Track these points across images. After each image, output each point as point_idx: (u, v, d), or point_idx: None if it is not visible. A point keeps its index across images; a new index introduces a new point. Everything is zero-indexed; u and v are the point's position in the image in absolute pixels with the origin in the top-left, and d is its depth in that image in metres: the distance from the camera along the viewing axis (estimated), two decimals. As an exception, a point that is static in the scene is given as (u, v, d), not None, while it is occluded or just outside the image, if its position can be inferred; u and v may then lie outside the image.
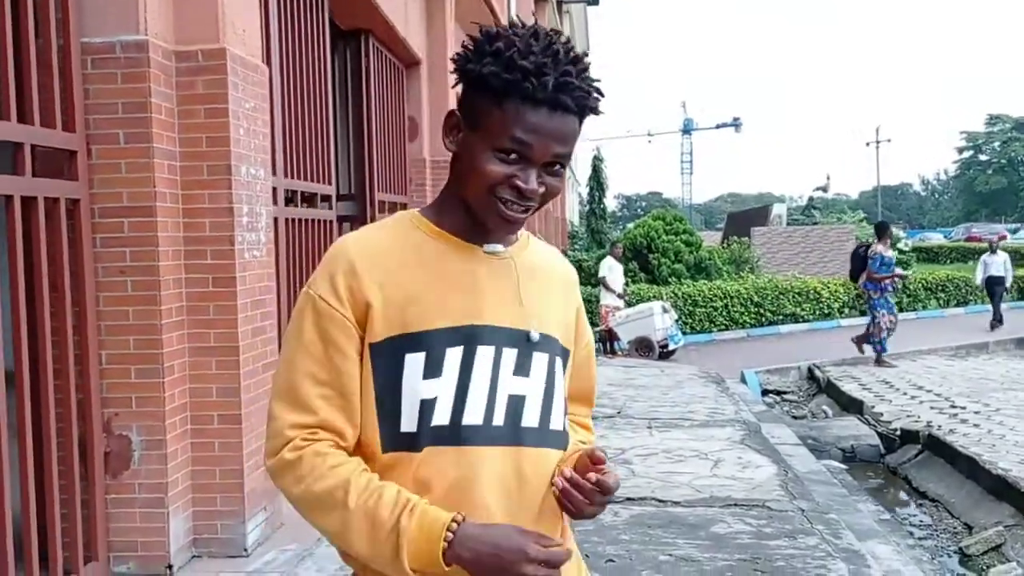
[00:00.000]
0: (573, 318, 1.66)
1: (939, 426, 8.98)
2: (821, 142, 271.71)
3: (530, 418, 1.53)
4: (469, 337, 1.49)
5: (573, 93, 1.44)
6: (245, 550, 4.63)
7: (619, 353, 14.57)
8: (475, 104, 1.47)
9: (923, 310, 20.18)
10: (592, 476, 1.46)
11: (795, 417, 10.75)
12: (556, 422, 1.57)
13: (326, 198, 7.32)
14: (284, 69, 6.28)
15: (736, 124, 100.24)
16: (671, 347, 14.70)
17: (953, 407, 10.06)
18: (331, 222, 7.43)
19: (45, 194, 3.99)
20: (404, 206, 9.79)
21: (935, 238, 52.20)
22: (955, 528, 6.63)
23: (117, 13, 4.33)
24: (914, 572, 5.02)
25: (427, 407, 1.47)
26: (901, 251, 26.78)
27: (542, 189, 1.47)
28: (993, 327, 17.14)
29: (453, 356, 1.48)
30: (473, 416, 1.48)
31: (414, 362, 1.47)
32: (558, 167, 1.49)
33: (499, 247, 1.56)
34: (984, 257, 18.79)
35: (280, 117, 6.11)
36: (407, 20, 9.30)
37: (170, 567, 4.40)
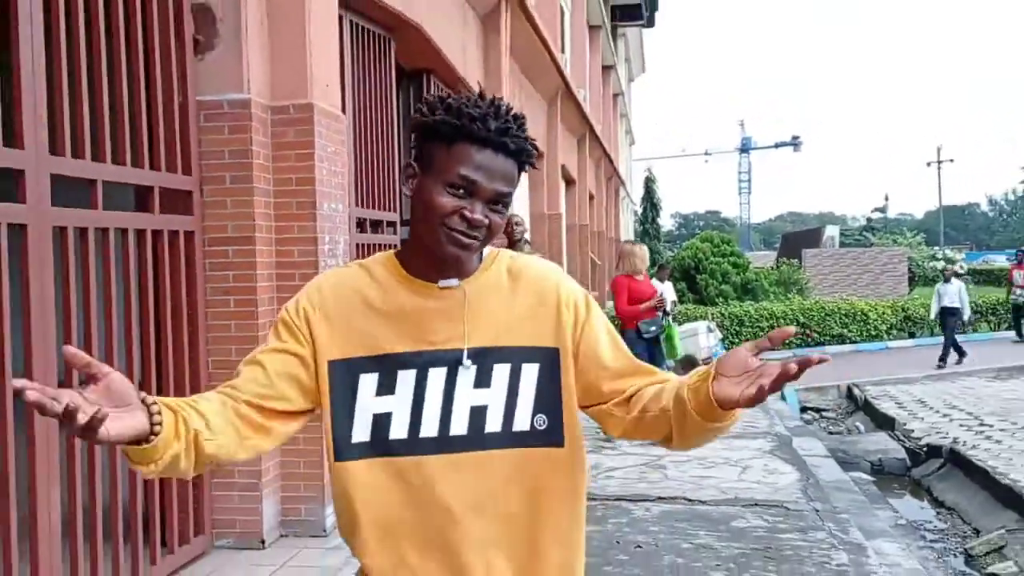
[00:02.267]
0: (552, 315, 1.73)
1: (964, 442, 9.53)
2: (884, 161, 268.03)
3: (493, 423, 1.66)
4: (418, 361, 1.67)
5: (513, 138, 1.63)
6: (324, 531, 5.45)
7: (667, 370, 15.21)
8: (429, 150, 1.65)
9: (973, 333, 20.49)
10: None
11: (830, 433, 11.36)
12: (521, 423, 1.68)
13: (391, 224, 8.19)
14: (357, 110, 7.16)
15: (796, 143, 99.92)
16: (716, 365, 15.29)
17: (981, 425, 10.58)
18: (395, 246, 8.29)
19: (169, 227, 4.90)
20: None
21: (999, 260, 51.83)
22: (965, 533, 7.25)
23: (226, 76, 5.23)
24: (912, 564, 5.67)
25: (382, 421, 1.66)
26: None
27: (487, 221, 1.62)
28: (941, 364, 16.16)
29: (406, 377, 1.67)
30: (429, 429, 1.66)
31: (367, 381, 1.67)
32: (500, 206, 1.65)
33: (453, 281, 1.71)
34: (938, 287, 17.62)
35: (352, 153, 6.99)
36: (465, 60, 10.17)
37: (263, 542, 5.25)
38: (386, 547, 1.66)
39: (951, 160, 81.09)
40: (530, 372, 1.69)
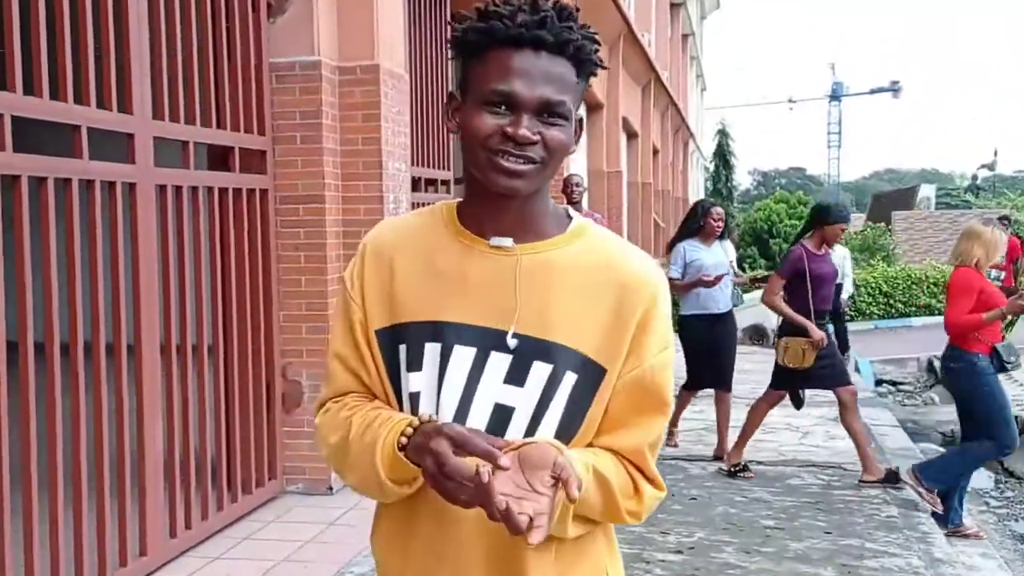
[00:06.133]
0: (623, 331, 1.56)
1: (1044, 415, 10.28)
2: (997, 111, 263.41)
3: (515, 430, 1.52)
4: (442, 334, 1.55)
5: (554, 30, 1.48)
6: (388, 479, 6.42)
7: (733, 341, 15.98)
8: (465, 71, 1.55)
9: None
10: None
11: (903, 405, 12.12)
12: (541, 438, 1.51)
13: (445, 182, 9.11)
14: (412, 68, 8.05)
15: (895, 89, 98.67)
16: (787, 336, 16.06)
17: (1068, 398, 11.33)
18: (449, 205, 9.20)
19: (247, 186, 5.88)
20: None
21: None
22: (1031, 501, 8.09)
23: (296, 38, 6.17)
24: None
25: (414, 401, 1.58)
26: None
27: (537, 137, 1.49)
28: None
29: (431, 352, 1.57)
30: (446, 417, 1.54)
31: (403, 353, 1.60)
32: (556, 117, 1.51)
33: (506, 241, 1.58)
34: None
35: (410, 114, 7.90)
36: (521, 9, 11.01)
37: (330, 488, 6.24)
38: (398, 543, 1.66)
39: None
40: (568, 382, 1.56)
